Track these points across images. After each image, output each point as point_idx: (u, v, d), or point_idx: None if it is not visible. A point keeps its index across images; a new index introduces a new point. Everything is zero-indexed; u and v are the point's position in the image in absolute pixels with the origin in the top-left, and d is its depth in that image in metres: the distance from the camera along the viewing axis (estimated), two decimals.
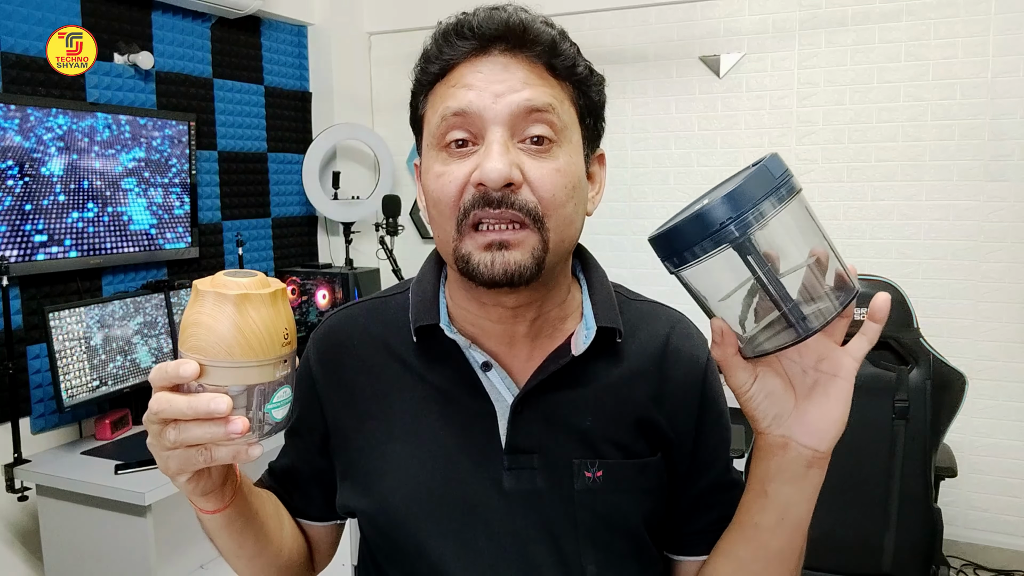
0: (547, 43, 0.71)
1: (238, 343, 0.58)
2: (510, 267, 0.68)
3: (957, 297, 2.88)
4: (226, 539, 0.77)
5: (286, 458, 0.89)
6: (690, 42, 3.13)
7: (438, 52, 0.73)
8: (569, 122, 0.72)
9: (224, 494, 0.71)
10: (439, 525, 0.76)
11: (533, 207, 0.69)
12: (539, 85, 0.70)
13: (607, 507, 0.77)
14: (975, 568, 2.82)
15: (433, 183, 0.71)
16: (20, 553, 2.25)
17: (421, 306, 0.79)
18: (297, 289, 3.11)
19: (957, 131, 2.82)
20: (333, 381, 0.82)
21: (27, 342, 2.27)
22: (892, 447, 1.91)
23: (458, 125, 0.70)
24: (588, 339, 0.76)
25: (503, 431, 0.76)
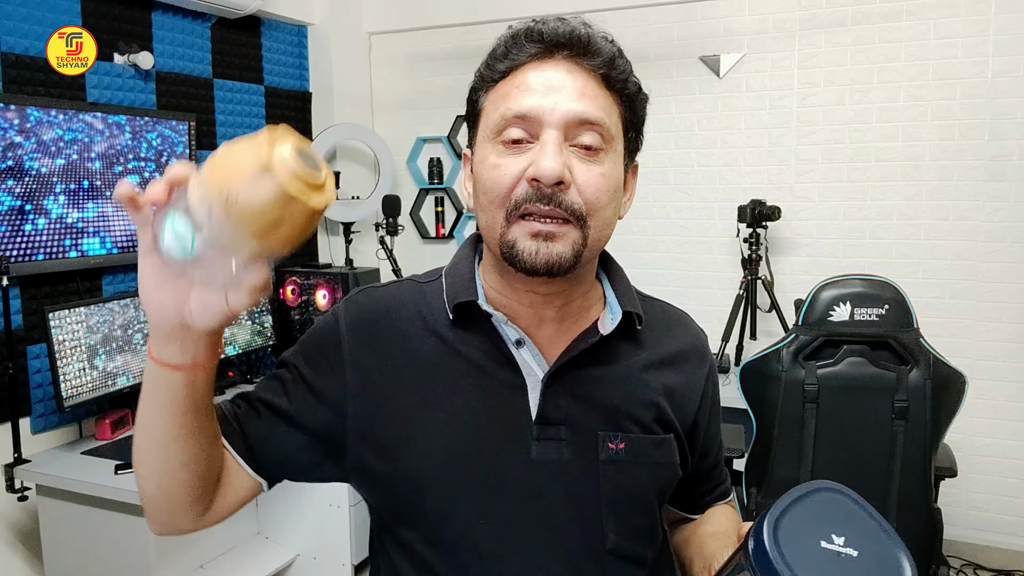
0: (607, 57, 0.78)
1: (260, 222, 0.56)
2: (552, 258, 0.75)
3: (957, 297, 2.88)
4: (172, 421, 0.71)
5: (286, 402, 0.84)
6: (690, 42, 3.13)
7: (506, 52, 0.79)
8: (615, 133, 0.79)
9: (200, 346, 0.68)
10: (467, 491, 0.80)
11: (579, 207, 0.75)
12: (594, 97, 0.77)
13: (628, 478, 0.83)
14: (975, 568, 2.82)
15: (488, 173, 0.77)
16: (20, 553, 2.25)
17: (459, 285, 0.84)
18: (297, 289, 3.11)
19: (957, 131, 2.82)
20: (365, 347, 0.84)
21: (27, 342, 2.27)
22: (892, 447, 1.91)
23: (517, 125, 0.76)
24: (615, 321, 0.84)
25: (533, 403, 0.81)
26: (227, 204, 0.55)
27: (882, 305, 1.92)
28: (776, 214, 2.85)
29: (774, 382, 1.99)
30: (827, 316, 1.96)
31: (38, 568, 2.23)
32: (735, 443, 2.21)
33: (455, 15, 3.27)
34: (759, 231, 2.89)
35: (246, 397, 0.86)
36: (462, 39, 3.43)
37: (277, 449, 0.83)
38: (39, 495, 2.15)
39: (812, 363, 1.97)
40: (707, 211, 3.19)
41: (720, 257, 3.18)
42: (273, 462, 0.84)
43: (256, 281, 0.61)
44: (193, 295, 0.63)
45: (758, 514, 0.71)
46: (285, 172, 0.56)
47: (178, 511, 0.77)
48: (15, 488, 2.15)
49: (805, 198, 3.04)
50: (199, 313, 0.63)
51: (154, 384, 0.70)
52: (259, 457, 0.83)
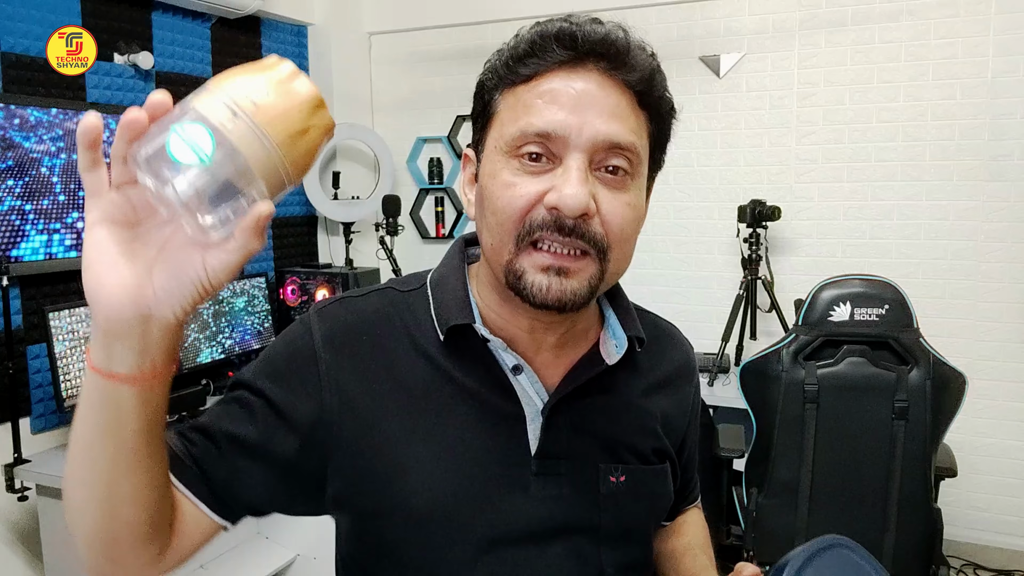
0: (645, 73, 0.70)
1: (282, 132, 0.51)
2: (565, 295, 0.68)
3: (957, 297, 2.88)
4: (119, 447, 0.58)
5: (241, 426, 0.72)
6: (690, 42, 3.13)
7: (531, 53, 0.69)
8: (644, 156, 0.72)
9: (160, 348, 0.55)
10: (463, 531, 0.74)
11: (601, 239, 0.68)
12: (625, 118, 0.69)
13: (628, 512, 0.79)
14: (975, 568, 2.82)
15: (500, 192, 0.69)
16: (20, 553, 2.25)
17: (452, 305, 0.76)
18: (297, 289, 3.11)
19: (957, 131, 2.82)
20: (346, 367, 0.75)
21: (27, 342, 2.27)
22: (892, 447, 1.91)
23: (539, 143, 0.68)
24: (621, 350, 0.78)
25: (532, 435, 0.76)
26: (257, 102, 0.50)
27: (882, 305, 1.93)
28: (776, 214, 2.85)
29: (774, 382, 1.99)
30: (827, 316, 1.96)
31: (38, 568, 2.23)
32: (735, 443, 2.21)
33: (455, 15, 3.27)
34: (759, 231, 2.89)
35: (200, 428, 0.73)
36: (462, 39, 3.43)
37: (245, 488, 0.72)
38: (39, 495, 2.15)
39: (812, 363, 1.97)
40: (707, 211, 3.19)
41: (720, 257, 3.18)
42: (241, 503, 0.73)
43: (261, 213, 0.50)
44: (158, 268, 0.52)
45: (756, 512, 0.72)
46: (308, 79, 0.54)
47: (124, 557, 0.65)
48: (15, 488, 2.14)
49: (805, 198, 3.04)
50: (167, 289, 0.52)
51: (98, 402, 0.57)
52: (224, 500, 0.71)
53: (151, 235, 0.52)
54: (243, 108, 0.50)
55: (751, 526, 2.06)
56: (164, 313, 0.52)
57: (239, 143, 0.49)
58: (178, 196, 0.48)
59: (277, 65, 0.54)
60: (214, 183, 0.49)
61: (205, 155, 0.48)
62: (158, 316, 0.52)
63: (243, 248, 0.51)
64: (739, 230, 3.00)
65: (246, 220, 0.50)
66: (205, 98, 0.50)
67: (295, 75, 0.53)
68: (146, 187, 0.49)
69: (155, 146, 0.49)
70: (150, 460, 0.61)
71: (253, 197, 0.50)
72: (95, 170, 0.51)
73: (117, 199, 0.51)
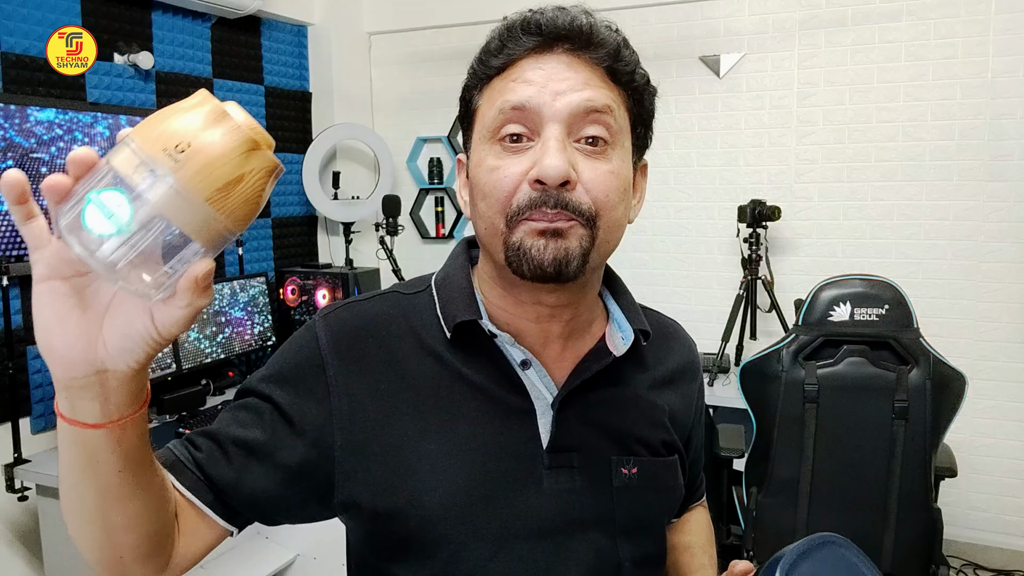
0: (611, 48, 0.71)
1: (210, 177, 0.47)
2: (560, 252, 0.68)
3: (957, 297, 2.88)
4: (103, 484, 0.58)
5: (249, 431, 0.74)
6: (690, 42, 3.13)
7: (501, 46, 0.72)
8: (623, 127, 0.73)
9: (123, 393, 0.54)
10: (477, 525, 0.74)
11: (587, 208, 0.69)
12: (599, 87, 0.70)
13: (641, 504, 0.80)
14: (975, 568, 2.82)
15: (486, 176, 0.71)
16: (20, 553, 2.25)
17: (459, 302, 0.77)
18: (297, 289, 3.11)
19: (957, 131, 2.82)
20: (354, 370, 0.75)
21: (27, 342, 2.27)
22: (892, 447, 1.91)
23: (515, 119, 0.70)
24: (627, 341, 0.79)
25: (543, 429, 0.76)
26: (176, 157, 0.45)
27: (882, 305, 1.93)
28: (776, 214, 2.85)
29: (774, 382, 1.99)
30: (827, 316, 1.96)
31: (38, 568, 2.23)
32: (735, 443, 2.21)
33: (455, 15, 3.27)
34: (759, 231, 2.89)
35: (207, 434, 0.74)
36: (462, 39, 3.43)
37: (253, 493, 0.73)
38: (39, 495, 2.15)
39: (812, 363, 1.97)
40: (707, 211, 3.19)
41: (720, 257, 3.18)
42: (249, 508, 0.74)
43: (197, 274, 0.48)
44: (107, 323, 0.51)
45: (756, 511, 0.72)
46: (242, 116, 0.49)
47: (130, 572, 0.66)
48: (15, 488, 2.15)
49: (805, 198, 3.04)
50: (118, 345, 0.51)
51: (73, 447, 0.56)
52: (231, 505, 0.73)
53: (100, 285, 0.51)
54: (163, 165, 0.45)
55: (751, 526, 2.06)
56: (118, 366, 0.51)
57: (161, 207, 0.45)
58: (104, 264, 0.46)
59: (202, 106, 0.48)
60: (138, 250, 0.46)
61: (123, 225, 0.45)
62: (113, 369, 0.52)
63: (187, 305, 0.49)
64: (739, 230, 3.00)
65: (183, 281, 0.48)
66: (124, 155, 0.46)
67: (221, 117, 0.48)
68: (73, 253, 0.46)
69: (73, 215, 0.46)
70: (141, 490, 0.61)
71: (188, 257, 0.48)
72: (30, 223, 0.48)
73: (61, 249, 0.49)
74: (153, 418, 2.47)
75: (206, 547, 0.72)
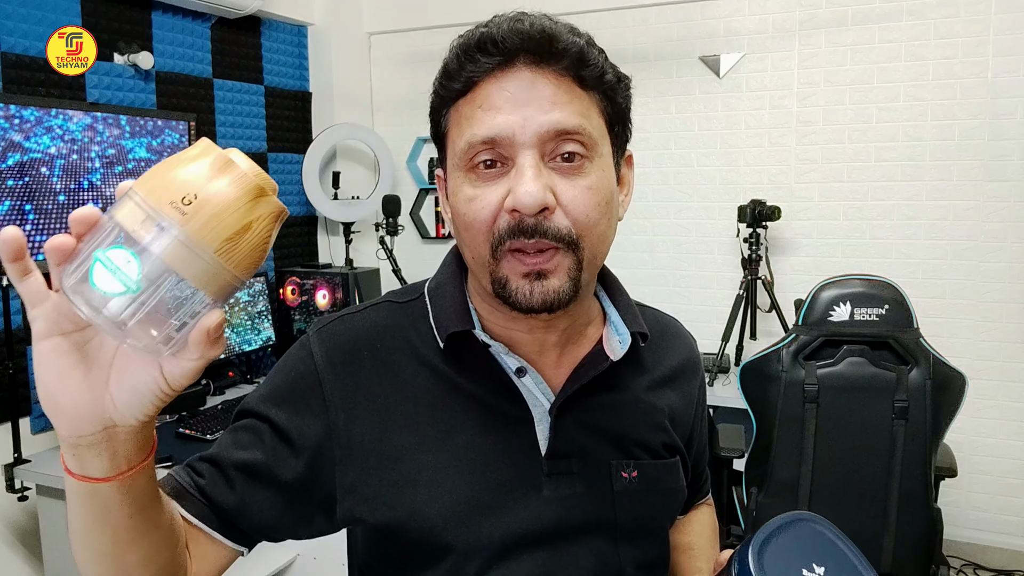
0: (575, 55, 0.68)
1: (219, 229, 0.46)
2: (549, 296, 0.68)
3: (957, 297, 2.88)
4: (115, 530, 0.57)
5: (249, 452, 0.73)
6: (690, 42, 3.13)
7: (459, 68, 0.69)
8: (599, 136, 0.70)
9: (131, 446, 0.53)
10: (479, 534, 0.73)
11: (567, 232, 0.68)
12: (567, 103, 0.68)
13: (643, 507, 0.79)
14: (975, 568, 2.82)
15: (464, 207, 0.69)
16: (20, 553, 2.25)
17: (451, 312, 0.76)
18: (297, 289, 3.11)
19: (957, 131, 2.82)
20: (350, 386, 0.75)
21: (27, 342, 2.27)
22: (892, 447, 1.91)
23: (487, 151, 0.68)
24: (624, 345, 0.78)
25: (541, 436, 0.76)
26: (183, 209, 0.45)
27: (882, 305, 1.92)
28: (776, 214, 2.85)
29: (774, 382, 1.99)
30: (827, 316, 1.96)
31: (38, 568, 2.23)
32: (735, 443, 2.21)
33: (455, 15, 3.27)
34: (759, 231, 2.89)
35: (209, 459, 0.73)
36: None
37: (259, 516, 0.73)
38: (39, 495, 2.15)
39: (812, 363, 1.97)
40: (707, 211, 3.19)
41: (720, 257, 3.18)
42: (255, 530, 0.74)
43: (208, 327, 0.47)
44: (114, 379, 0.50)
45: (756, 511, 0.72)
46: (246, 163, 0.48)
47: None
48: (15, 488, 2.14)
49: (805, 198, 3.04)
50: (127, 400, 0.50)
51: (83, 500, 0.55)
52: (239, 527, 0.73)
53: (103, 339, 0.50)
54: (170, 218, 0.44)
55: (751, 526, 2.05)
56: (126, 421, 0.50)
57: (170, 261, 0.44)
58: (112, 323, 0.45)
59: (206, 155, 0.48)
60: (147, 307, 0.45)
61: (131, 282, 0.44)
62: (121, 424, 0.51)
63: (199, 358, 0.48)
64: (739, 230, 3.00)
65: (195, 334, 0.47)
66: (129, 209, 0.45)
67: (226, 166, 0.47)
68: (80, 313, 0.45)
69: (79, 275, 0.45)
70: (152, 528, 0.60)
71: (197, 309, 0.47)
72: (27, 279, 0.48)
73: (60, 303, 0.48)
74: None
75: (219, 569, 0.73)
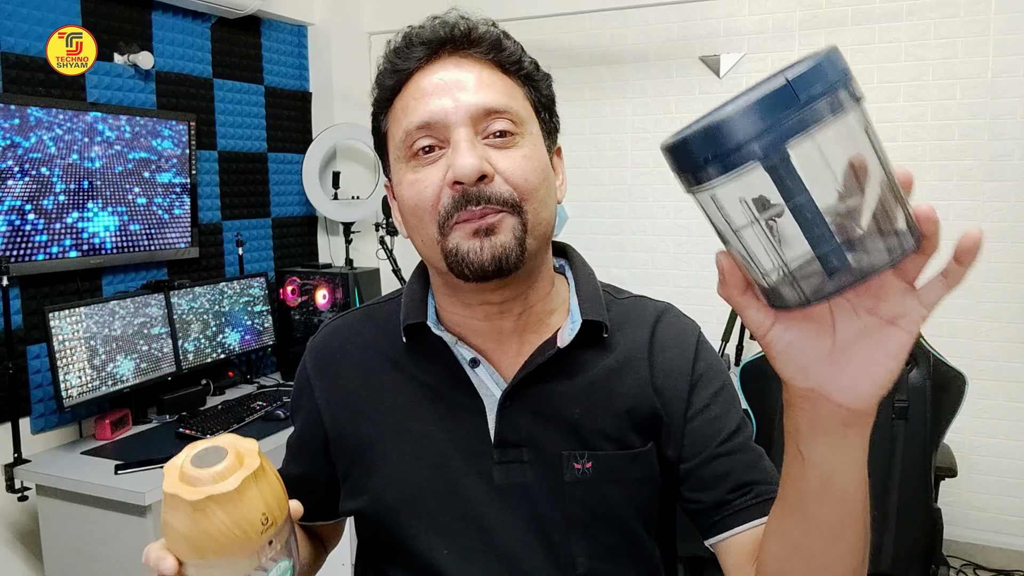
0: (492, 41, 0.74)
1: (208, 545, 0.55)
2: (497, 250, 0.70)
3: (957, 297, 2.87)
4: None
5: (296, 466, 0.90)
6: (690, 42, 3.13)
7: (392, 67, 0.75)
8: (526, 116, 0.75)
9: None
10: (430, 521, 0.78)
11: (509, 196, 0.71)
12: (491, 84, 0.73)
13: (597, 499, 0.78)
14: (975, 568, 2.82)
15: (408, 191, 0.73)
16: (20, 553, 2.25)
17: (410, 307, 0.82)
18: (297, 289, 3.11)
19: (957, 131, 2.82)
20: (329, 387, 0.85)
21: (27, 342, 2.27)
22: (892, 447, 1.91)
23: (424, 135, 0.72)
24: (573, 331, 0.78)
25: (492, 425, 0.78)
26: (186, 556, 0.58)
27: None
28: None
29: (774, 382, 1.98)
30: None
31: (38, 568, 2.23)
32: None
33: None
34: None
35: None
36: None
37: (331, 501, 0.89)
38: (39, 495, 2.15)
39: None
40: None
41: None
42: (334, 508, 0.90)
43: None
44: None
45: None
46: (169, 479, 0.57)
47: None
48: (15, 488, 2.14)
49: None
50: None
51: None
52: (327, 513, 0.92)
53: None
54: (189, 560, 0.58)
55: None
56: None
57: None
58: None
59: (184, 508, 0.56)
60: None
61: None
62: None
63: None
64: None
65: None
66: None
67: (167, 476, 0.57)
68: None
69: None
70: None
71: None
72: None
73: None
74: (153, 418, 2.47)
75: (337, 535, 1.00)
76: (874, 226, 0.45)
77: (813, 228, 0.43)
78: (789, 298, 0.47)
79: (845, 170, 0.43)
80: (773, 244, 0.46)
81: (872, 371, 0.51)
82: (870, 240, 0.45)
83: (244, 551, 0.56)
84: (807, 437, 0.56)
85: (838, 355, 0.51)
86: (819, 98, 0.42)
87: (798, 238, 0.44)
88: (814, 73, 0.42)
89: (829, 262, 0.44)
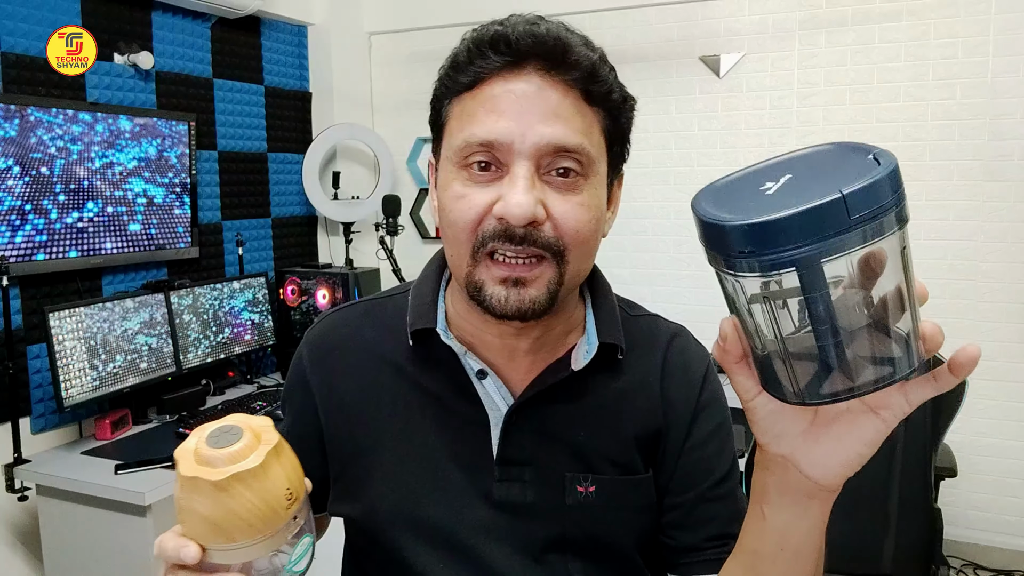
0: (587, 69, 0.66)
1: (235, 526, 0.54)
2: (524, 305, 0.67)
3: (957, 297, 2.88)
4: None
5: None
6: (690, 42, 3.13)
7: (468, 62, 0.68)
8: (597, 155, 0.69)
9: None
10: (426, 534, 0.75)
11: (555, 242, 0.67)
12: (571, 117, 0.66)
13: (598, 523, 0.76)
14: (975, 568, 2.82)
15: (452, 204, 0.68)
16: (20, 553, 2.25)
17: (420, 310, 0.77)
18: (297, 289, 3.11)
19: (957, 131, 2.82)
20: (325, 383, 0.81)
21: (27, 342, 2.27)
22: (892, 447, 1.91)
23: (484, 153, 0.67)
24: (589, 355, 0.75)
25: (495, 441, 0.75)
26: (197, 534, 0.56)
27: None
28: None
29: None
30: None
31: (38, 568, 2.23)
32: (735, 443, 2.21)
33: (455, 15, 3.26)
34: None
35: None
36: None
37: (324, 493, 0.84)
38: (39, 495, 2.15)
39: None
40: None
41: None
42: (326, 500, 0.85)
43: None
44: None
45: None
46: (185, 463, 0.55)
47: None
48: (15, 488, 2.14)
49: None
50: None
51: None
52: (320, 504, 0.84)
53: None
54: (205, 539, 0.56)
55: None
56: None
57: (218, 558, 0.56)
58: None
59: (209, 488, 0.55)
60: None
61: None
62: None
63: None
64: None
65: None
66: None
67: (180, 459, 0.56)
68: None
69: None
70: None
71: None
72: None
73: None
74: (153, 418, 2.47)
75: (325, 527, 0.90)
76: (882, 344, 0.46)
77: (827, 335, 0.44)
78: (783, 385, 0.49)
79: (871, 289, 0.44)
80: (779, 329, 0.47)
81: (844, 453, 0.53)
82: (876, 356, 0.46)
83: (271, 528, 0.55)
84: (772, 499, 0.59)
85: (815, 431, 0.54)
86: (869, 221, 0.41)
87: (808, 337, 0.45)
88: (869, 192, 0.41)
89: (828, 367, 0.45)
